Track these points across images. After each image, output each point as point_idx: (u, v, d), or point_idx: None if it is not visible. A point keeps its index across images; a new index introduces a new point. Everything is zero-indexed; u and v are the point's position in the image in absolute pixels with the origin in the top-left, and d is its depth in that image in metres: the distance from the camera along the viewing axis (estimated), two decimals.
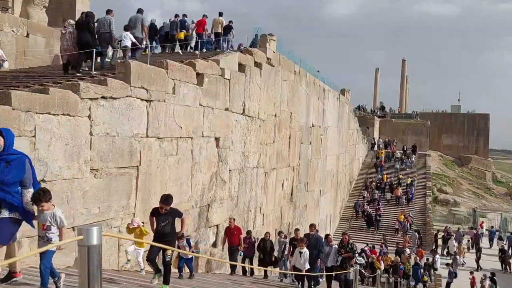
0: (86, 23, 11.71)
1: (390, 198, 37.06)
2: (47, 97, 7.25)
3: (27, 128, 6.81)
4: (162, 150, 10.36)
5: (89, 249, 2.21)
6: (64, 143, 7.52)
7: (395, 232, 31.80)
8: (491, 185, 57.94)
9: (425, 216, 34.79)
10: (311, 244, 11.09)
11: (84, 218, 7.95)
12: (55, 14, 20.22)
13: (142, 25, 13.70)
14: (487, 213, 41.38)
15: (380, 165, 42.86)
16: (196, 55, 15.44)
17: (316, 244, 11.25)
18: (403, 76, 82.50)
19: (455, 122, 62.44)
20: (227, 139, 13.80)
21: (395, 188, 37.32)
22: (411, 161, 43.92)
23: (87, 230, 2.22)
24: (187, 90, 11.42)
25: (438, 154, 58.81)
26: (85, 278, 2.22)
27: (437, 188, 47.29)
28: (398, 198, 36.73)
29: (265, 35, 18.27)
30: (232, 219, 12.41)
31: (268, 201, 17.97)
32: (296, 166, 22.09)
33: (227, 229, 12.25)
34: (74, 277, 5.72)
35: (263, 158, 17.07)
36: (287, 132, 20.20)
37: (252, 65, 15.88)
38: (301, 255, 10.64)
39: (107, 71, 11.40)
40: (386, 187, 38.32)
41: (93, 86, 8.29)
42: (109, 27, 12.35)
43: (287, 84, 20.05)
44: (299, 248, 10.77)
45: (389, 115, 64.04)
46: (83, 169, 7.96)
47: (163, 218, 7.03)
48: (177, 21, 18.70)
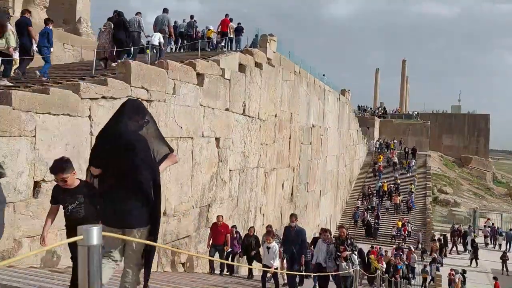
0: (122, 22, 12.78)
1: (389, 206, 35.84)
2: (48, 97, 7.26)
3: (27, 128, 6.81)
4: None
5: (89, 249, 2.21)
6: (65, 143, 7.52)
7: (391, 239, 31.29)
8: (491, 186, 57.90)
9: (425, 216, 34.81)
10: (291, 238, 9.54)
11: None
12: (55, 14, 20.22)
13: (168, 25, 14.58)
14: (487, 214, 41.34)
15: (379, 171, 41.75)
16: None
17: (297, 237, 9.63)
18: (403, 76, 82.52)
19: (455, 123, 62.40)
20: (228, 139, 13.80)
21: (394, 196, 36.05)
22: (410, 166, 42.54)
23: (87, 230, 2.21)
24: (187, 90, 11.42)
25: (438, 155, 58.80)
26: (85, 278, 2.22)
27: (437, 189, 47.27)
28: (396, 205, 35.48)
29: (265, 35, 18.29)
30: (221, 216, 11.51)
31: (268, 201, 17.98)
32: (297, 166, 22.09)
33: (213, 227, 11.40)
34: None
35: (263, 158, 17.07)
36: (287, 132, 20.20)
37: (252, 66, 15.89)
38: (269, 250, 9.22)
39: None
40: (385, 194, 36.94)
41: (94, 86, 8.30)
42: (138, 27, 13.42)
43: (288, 85, 20.06)
44: (267, 243, 9.37)
45: (390, 115, 64.03)
46: (84, 169, 7.95)
47: (70, 198, 4.63)
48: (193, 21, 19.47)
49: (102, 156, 3.90)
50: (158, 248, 10.23)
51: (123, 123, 3.85)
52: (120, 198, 3.78)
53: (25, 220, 6.77)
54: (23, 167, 6.74)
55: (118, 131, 3.82)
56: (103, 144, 3.94)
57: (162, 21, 14.45)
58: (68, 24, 22.06)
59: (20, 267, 6.44)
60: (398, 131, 56.18)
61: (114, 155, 3.77)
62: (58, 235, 7.34)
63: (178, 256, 11.04)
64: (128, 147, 3.78)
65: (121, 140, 3.80)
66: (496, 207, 47.00)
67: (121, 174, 3.78)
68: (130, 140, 3.80)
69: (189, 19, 19.94)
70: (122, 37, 12.70)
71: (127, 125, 3.84)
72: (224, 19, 19.74)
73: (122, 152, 3.78)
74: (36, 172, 6.96)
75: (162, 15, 14.69)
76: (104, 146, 3.92)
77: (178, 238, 10.97)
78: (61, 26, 20.44)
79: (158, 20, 14.57)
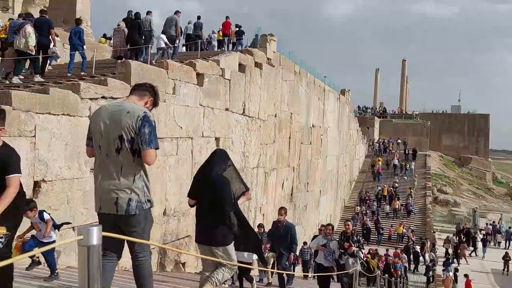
0: (137, 24, 13.42)
1: (388, 211, 34.94)
2: (47, 97, 7.26)
3: (27, 128, 6.81)
4: (162, 150, 10.35)
5: (89, 249, 2.21)
6: (64, 143, 7.52)
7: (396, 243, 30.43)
8: (491, 186, 57.87)
9: (425, 216, 34.81)
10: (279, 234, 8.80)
11: (84, 218, 7.95)
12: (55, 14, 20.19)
13: (176, 25, 15.02)
14: (487, 214, 41.39)
15: (378, 173, 40.95)
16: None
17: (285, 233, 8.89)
18: (403, 76, 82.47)
19: (455, 122, 62.32)
20: (227, 139, 13.80)
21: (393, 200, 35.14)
22: (410, 169, 41.60)
23: (87, 230, 2.22)
24: (187, 90, 11.42)
25: (438, 154, 58.78)
26: (85, 278, 2.22)
27: (437, 189, 47.25)
28: (395, 210, 34.67)
29: (265, 35, 18.29)
30: None
31: (268, 201, 17.97)
32: (296, 166, 22.10)
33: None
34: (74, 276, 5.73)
35: (263, 158, 17.07)
36: (287, 132, 20.20)
37: (252, 65, 15.89)
38: None
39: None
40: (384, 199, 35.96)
41: (93, 86, 8.29)
42: (149, 26, 13.91)
43: (288, 84, 20.06)
44: None
45: (389, 115, 64.02)
46: (83, 169, 7.96)
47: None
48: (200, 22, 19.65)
49: (197, 191, 5.17)
50: (158, 248, 10.24)
51: (212, 167, 5.12)
52: (208, 224, 4.99)
53: (25, 220, 6.76)
54: (23, 167, 6.73)
55: (208, 173, 5.11)
56: (197, 183, 5.23)
57: (171, 22, 14.95)
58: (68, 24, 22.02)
59: (20, 267, 6.43)
60: (398, 131, 56.13)
61: (205, 190, 5.03)
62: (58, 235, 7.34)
63: (178, 256, 11.03)
64: (216, 186, 4.97)
65: (210, 180, 5.02)
66: (496, 207, 47.01)
67: (210, 205, 4.97)
68: (217, 181, 5.00)
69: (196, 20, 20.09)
70: (137, 38, 13.35)
71: (215, 169, 5.08)
72: (225, 22, 20.09)
73: (211, 189, 4.98)
74: (36, 172, 6.96)
75: (171, 16, 15.19)
76: (198, 184, 5.21)
77: (178, 238, 10.97)
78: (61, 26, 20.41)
79: (167, 21, 15.09)
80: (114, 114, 3.69)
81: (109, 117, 3.68)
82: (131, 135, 3.62)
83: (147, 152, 3.67)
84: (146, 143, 3.63)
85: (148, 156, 3.70)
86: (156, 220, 10.20)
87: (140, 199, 3.71)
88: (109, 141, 3.67)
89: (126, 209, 3.64)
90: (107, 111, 3.75)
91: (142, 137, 3.61)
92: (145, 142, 3.62)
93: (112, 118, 3.67)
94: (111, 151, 3.68)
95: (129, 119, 3.62)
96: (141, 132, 3.61)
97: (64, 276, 6.11)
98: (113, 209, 3.65)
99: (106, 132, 3.68)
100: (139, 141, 3.62)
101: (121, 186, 3.67)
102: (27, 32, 10.19)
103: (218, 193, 4.94)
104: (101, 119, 3.71)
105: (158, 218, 10.28)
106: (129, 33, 13.42)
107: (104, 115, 3.73)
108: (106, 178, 3.71)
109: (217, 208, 4.93)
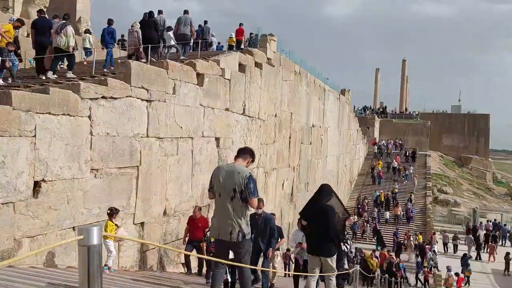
0: (152, 22, 14.02)
1: (388, 218, 33.88)
2: (48, 97, 7.25)
3: (27, 128, 6.81)
4: (162, 150, 10.36)
5: (89, 249, 2.21)
6: (65, 143, 7.52)
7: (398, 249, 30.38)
8: (492, 186, 57.90)
9: (426, 217, 34.79)
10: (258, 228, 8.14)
11: (85, 218, 7.95)
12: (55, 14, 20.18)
13: (190, 25, 15.37)
14: (487, 214, 41.37)
15: (379, 176, 40.01)
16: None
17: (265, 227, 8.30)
18: (403, 76, 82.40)
19: (455, 122, 62.34)
20: (228, 139, 13.80)
21: (394, 206, 34.20)
22: (409, 173, 40.66)
23: (87, 230, 2.22)
24: (187, 90, 11.42)
25: (438, 154, 58.79)
26: (85, 278, 2.22)
27: (437, 189, 47.25)
28: (397, 217, 33.63)
29: (265, 35, 18.28)
30: (197, 207, 10.02)
31: (268, 201, 17.96)
32: (297, 166, 22.10)
33: (190, 220, 9.88)
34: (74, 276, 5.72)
35: (263, 158, 17.07)
36: (287, 132, 20.21)
37: (252, 65, 15.88)
38: None
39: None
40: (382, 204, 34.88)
41: (94, 86, 8.29)
42: (163, 25, 14.55)
43: (288, 84, 20.06)
44: None
45: (390, 115, 64.00)
46: (84, 169, 7.96)
47: None
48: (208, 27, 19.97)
49: (308, 216, 6.89)
50: (159, 248, 10.24)
51: (320, 197, 6.87)
52: (318, 240, 6.68)
53: (25, 220, 6.77)
54: (23, 167, 6.74)
55: (318, 201, 6.85)
56: (310, 209, 6.96)
57: (185, 21, 15.22)
58: None
59: (20, 267, 6.43)
60: (398, 131, 56.13)
61: (315, 215, 6.74)
62: (58, 235, 7.34)
63: (178, 256, 11.03)
64: (324, 212, 6.67)
65: (319, 207, 6.74)
66: (496, 207, 46.98)
67: (319, 226, 6.64)
68: (324, 208, 6.70)
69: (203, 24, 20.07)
70: (154, 36, 13.80)
71: (323, 199, 6.82)
72: (239, 28, 20.21)
73: (320, 214, 6.68)
74: (36, 172, 6.96)
75: (184, 16, 15.44)
76: (311, 210, 6.89)
77: (178, 238, 10.97)
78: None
79: (181, 20, 15.31)
80: (228, 172, 5.30)
81: (224, 175, 5.30)
82: (241, 188, 5.21)
83: (252, 200, 5.29)
84: (251, 194, 5.24)
85: (252, 202, 5.33)
86: (156, 220, 10.23)
87: (244, 232, 5.28)
88: (226, 191, 5.25)
89: (236, 238, 5.24)
90: (223, 170, 5.37)
91: (249, 190, 5.22)
92: (250, 193, 5.23)
93: (227, 175, 5.28)
94: (227, 198, 5.25)
95: (240, 178, 5.22)
96: (248, 186, 5.22)
97: (64, 276, 6.10)
98: (228, 237, 5.26)
99: (223, 185, 5.26)
100: (247, 192, 5.22)
101: (233, 223, 5.24)
102: (69, 33, 10.95)
103: (325, 218, 6.62)
104: (220, 175, 5.33)
105: (158, 218, 10.29)
106: (144, 32, 13.70)
107: (222, 173, 5.35)
108: (223, 216, 5.28)
109: (326, 229, 6.56)
